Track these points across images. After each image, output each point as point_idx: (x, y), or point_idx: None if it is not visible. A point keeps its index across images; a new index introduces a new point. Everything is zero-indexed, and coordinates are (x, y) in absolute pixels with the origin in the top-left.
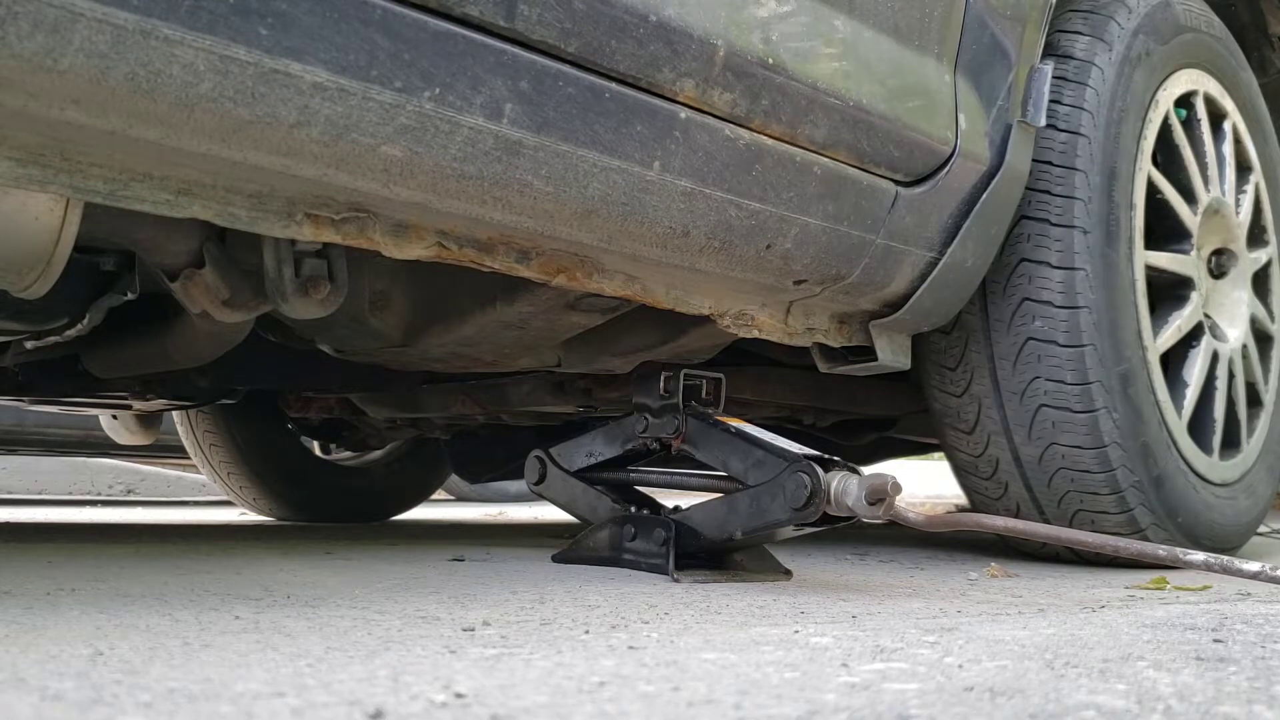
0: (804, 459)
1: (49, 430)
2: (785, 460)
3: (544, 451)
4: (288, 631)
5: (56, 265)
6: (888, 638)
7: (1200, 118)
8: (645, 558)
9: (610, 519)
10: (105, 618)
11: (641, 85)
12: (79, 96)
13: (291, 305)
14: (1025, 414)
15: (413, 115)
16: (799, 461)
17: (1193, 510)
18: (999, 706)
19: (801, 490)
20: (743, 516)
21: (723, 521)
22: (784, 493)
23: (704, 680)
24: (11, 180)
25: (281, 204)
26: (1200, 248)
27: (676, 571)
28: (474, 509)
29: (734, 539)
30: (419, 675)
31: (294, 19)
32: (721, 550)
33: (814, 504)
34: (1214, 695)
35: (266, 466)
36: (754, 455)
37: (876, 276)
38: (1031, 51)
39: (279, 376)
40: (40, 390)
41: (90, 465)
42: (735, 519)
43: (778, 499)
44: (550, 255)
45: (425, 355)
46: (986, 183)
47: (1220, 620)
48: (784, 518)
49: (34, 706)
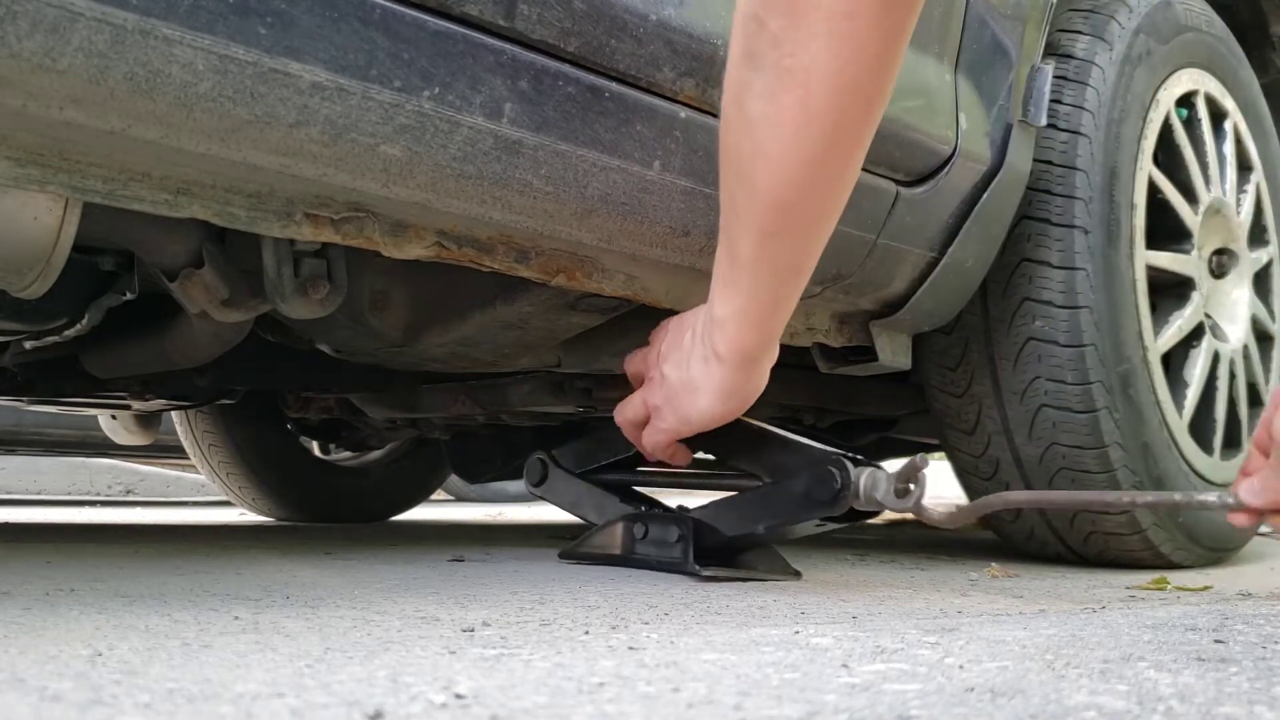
0: (833, 454)
1: (48, 430)
2: (810, 457)
3: (545, 453)
4: (287, 632)
5: (55, 265)
6: (888, 638)
7: (1201, 117)
8: (659, 555)
9: (621, 517)
10: (104, 618)
11: (641, 85)
12: (78, 96)
13: (291, 305)
14: (1026, 414)
15: (412, 115)
16: (827, 457)
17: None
18: (1000, 707)
19: (830, 485)
20: (766, 511)
21: (744, 516)
22: (811, 488)
23: (704, 681)
24: (10, 180)
25: (281, 204)
26: (1201, 247)
27: (696, 565)
28: (474, 509)
29: (756, 533)
30: (418, 676)
31: (293, 18)
32: (738, 547)
33: (842, 498)
34: (1215, 696)
35: (266, 466)
36: (777, 452)
37: (877, 276)
38: (1032, 51)
39: (278, 376)
40: (39, 390)
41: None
42: (758, 514)
43: (804, 494)
44: (550, 255)
45: (425, 355)
46: (987, 182)
47: (1221, 620)
48: (810, 513)
49: (33, 707)
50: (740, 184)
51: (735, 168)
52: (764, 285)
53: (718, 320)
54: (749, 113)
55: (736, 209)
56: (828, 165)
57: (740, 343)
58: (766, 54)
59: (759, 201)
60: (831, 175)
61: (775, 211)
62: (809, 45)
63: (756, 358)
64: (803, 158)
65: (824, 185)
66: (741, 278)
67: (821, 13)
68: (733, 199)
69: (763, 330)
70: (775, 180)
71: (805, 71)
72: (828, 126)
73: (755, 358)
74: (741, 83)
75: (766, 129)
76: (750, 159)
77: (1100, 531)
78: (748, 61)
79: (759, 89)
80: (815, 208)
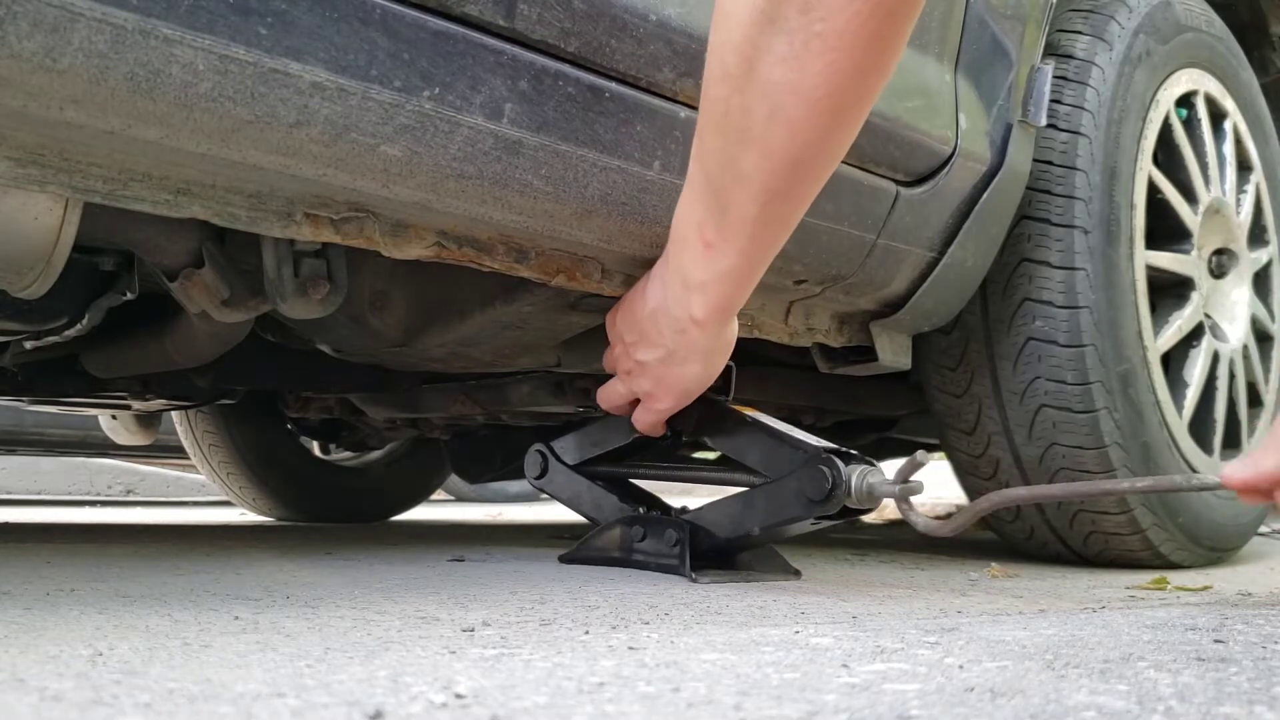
0: (824, 452)
1: (48, 430)
2: (804, 453)
3: (545, 445)
4: (287, 632)
5: (56, 265)
6: (888, 638)
7: (1201, 117)
8: (656, 558)
9: (618, 519)
10: (105, 618)
11: (641, 85)
12: (78, 96)
13: (291, 305)
14: (1026, 414)
15: (412, 115)
16: (819, 455)
17: (1194, 510)
18: (1000, 707)
19: (822, 483)
20: (760, 512)
21: (739, 518)
22: (803, 486)
23: (704, 681)
24: (11, 180)
25: (281, 204)
26: (1201, 247)
27: (692, 572)
28: (474, 509)
29: (751, 535)
30: (419, 676)
31: (293, 18)
32: (735, 549)
33: (835, 497)
34: (1215, 696)
35: (265, 466)
36: (771, 446)
37: (877, 276)
38: (1032, 51)
39: (278, 376)
40: (39, 390)
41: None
42: (752, 515)
43: (797, 493)
44: (550, 255)
45: (425, 355)
46: (987, 183)
47: (1221, 620)
48: (804, 512)
49: (33, 707)
50: (749, 147)
51: (741, 130)
52: (758, 243)
53: (696, 285)
54: (767, 76)
55: (740, 171)
56: (847, 124)
57: (722, 302)
58: (793, 18)
59: (772, 162)
60: (847, 133)
61: (789, 171)
62: (844, 10)
63: (734, 313)
64: (825, 121)
65: (838, 144)
66: (733, 239)
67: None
68: (734, 162)
69: (745, 288)
70: (795, 143)
71: (837, 36)
72: (852, 88)
73: (733, 314)
74: (757, 46)
75: (788, 94)
76: (765, 122)
77: (1100, 531)
78: (768, 26)
79: (781, 52)
80: (827, 166)
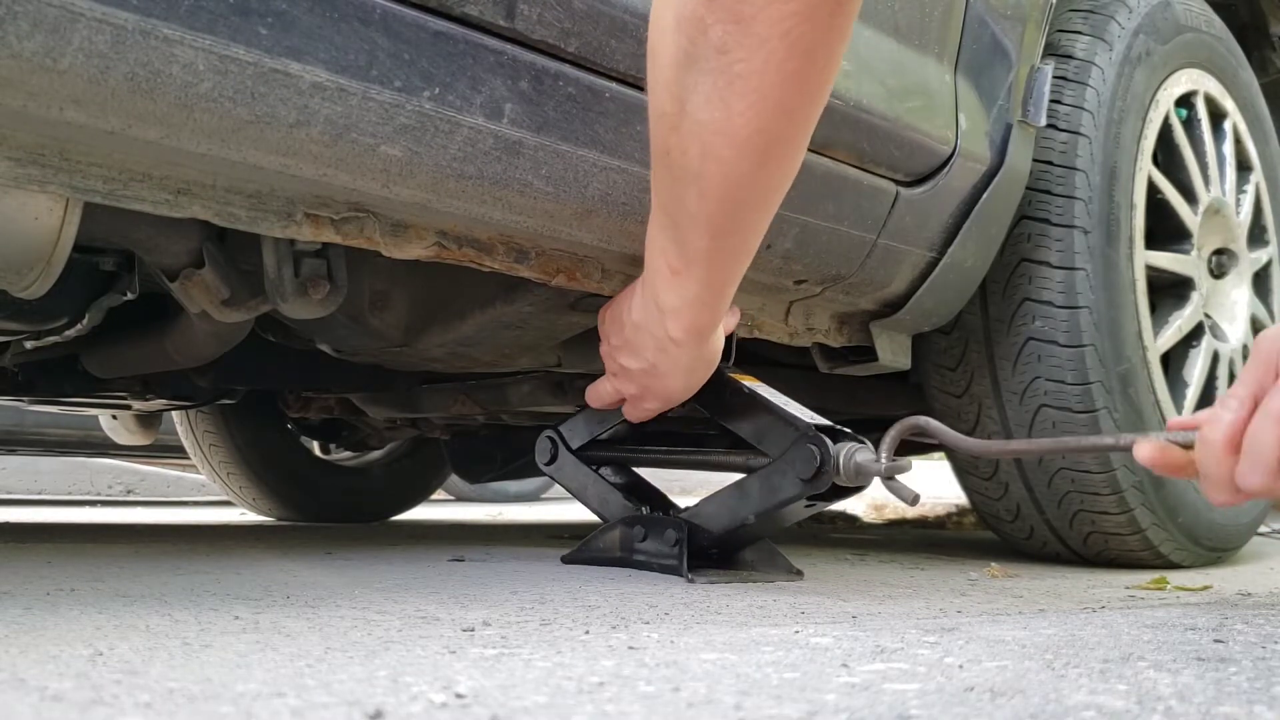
0: (813, 429)
1: (48, 430)
2: (795, 429)
3: (555, 431)
4: (287, 632)
5: (56, 265)
6: (888, 638)
7: (1200, 117)
8: (657, 558)
9: (620, 520)
10: (105, 618)
11: (642, 85)
12: (79, 96)
13: (291, 305)
14: (1025, 414)
15: (412, 115)
16: (807, 433)
17: (1194, 510)
18: (999, 707)
19: (811, 462)
20: (754, 499)
21: (735, 508)
22: (793, 467)
23: (704, 680)
24: (11, 180)
25: (281, 204)
26: (1201, 248)
27: (690, 572)
28: (474, 509)
29: (747, 523)
30: (419, 675)
31: (294, 18)
32: (734, 541)
33: (824, 474)
34: (1214, 695)
35: (266, 466)
36: (765, 421)
37: (877, 276)
38: (1032, 51)
39: (279, 376)
40: (40, 390)
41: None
42: (747, 503)
43: (788, 475)
44: (550, 255)
45: (425, 355)
46: (987, 183)
47: (1221, 620)
48: (795, 492)
49: (34, 707)
50: (689, 184)
51: (681, 168)
52: (717, 273)
53: (669, 309)
54: (697, 117)
55: (686, 207)
56: (780, 162)
57: (695, 324)
58: (711, 59)
59: (711, 200)
60: (782, 171)
61: (731, 209)
62: (759, 51)
63: (712, 331)
64: (755, 159)
65: (775, 180)
66: (694, 268)
67: (771, 15)
68: (680, 199)
69: (716, 310)
70: (729, 183)
71: (758, 76)
72: (780, 127)
73: (710, 332)
74: (684, 85)
75: (716, 135)
76: (700, 160)
77: (1100, 531)
78: (691, 66)
79: (706, 93)
80: (767, 201)
